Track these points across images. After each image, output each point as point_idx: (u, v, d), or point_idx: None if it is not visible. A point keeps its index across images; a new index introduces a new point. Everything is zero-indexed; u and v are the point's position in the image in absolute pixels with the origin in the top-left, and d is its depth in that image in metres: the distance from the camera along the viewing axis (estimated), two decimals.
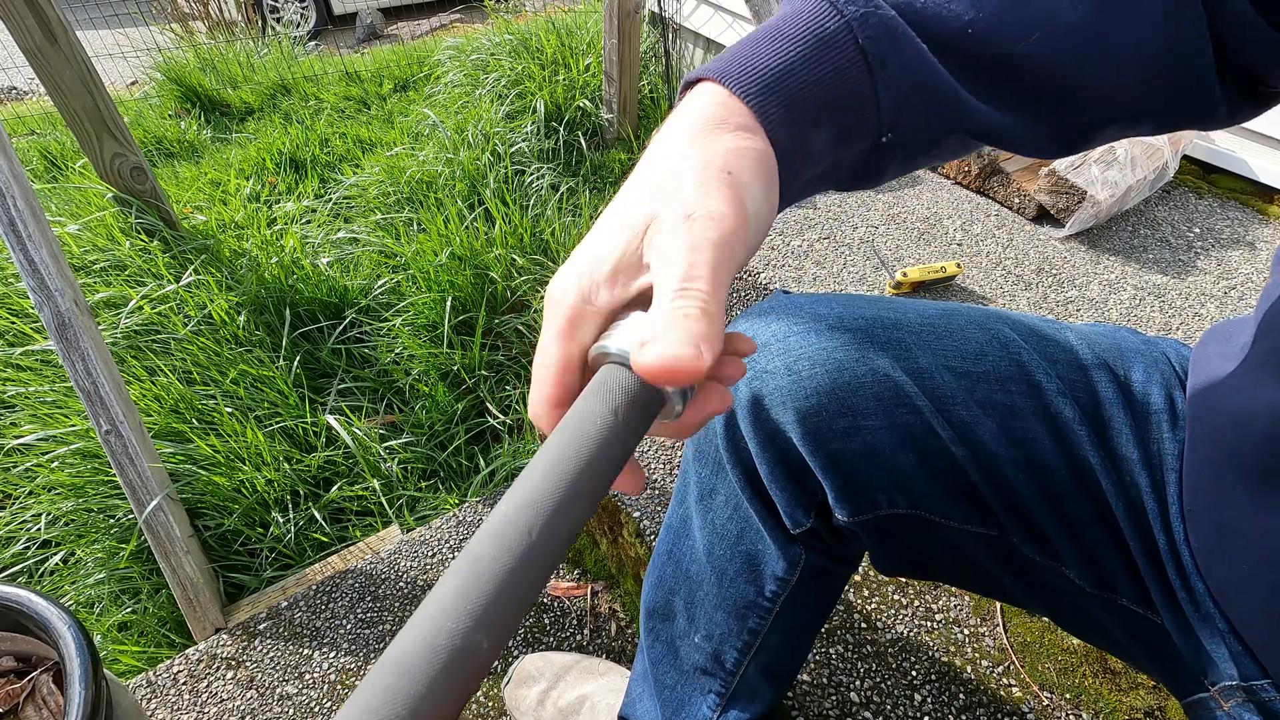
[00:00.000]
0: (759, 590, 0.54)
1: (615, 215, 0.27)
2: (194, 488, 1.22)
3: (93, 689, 0.59)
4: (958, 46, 0.29)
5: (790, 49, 0.28)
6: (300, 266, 1.75)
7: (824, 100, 0.28)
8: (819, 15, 0.28)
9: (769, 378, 0.45)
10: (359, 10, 5.17)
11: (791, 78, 0.27)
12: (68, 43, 1.49)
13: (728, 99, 0.27)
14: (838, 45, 0.28)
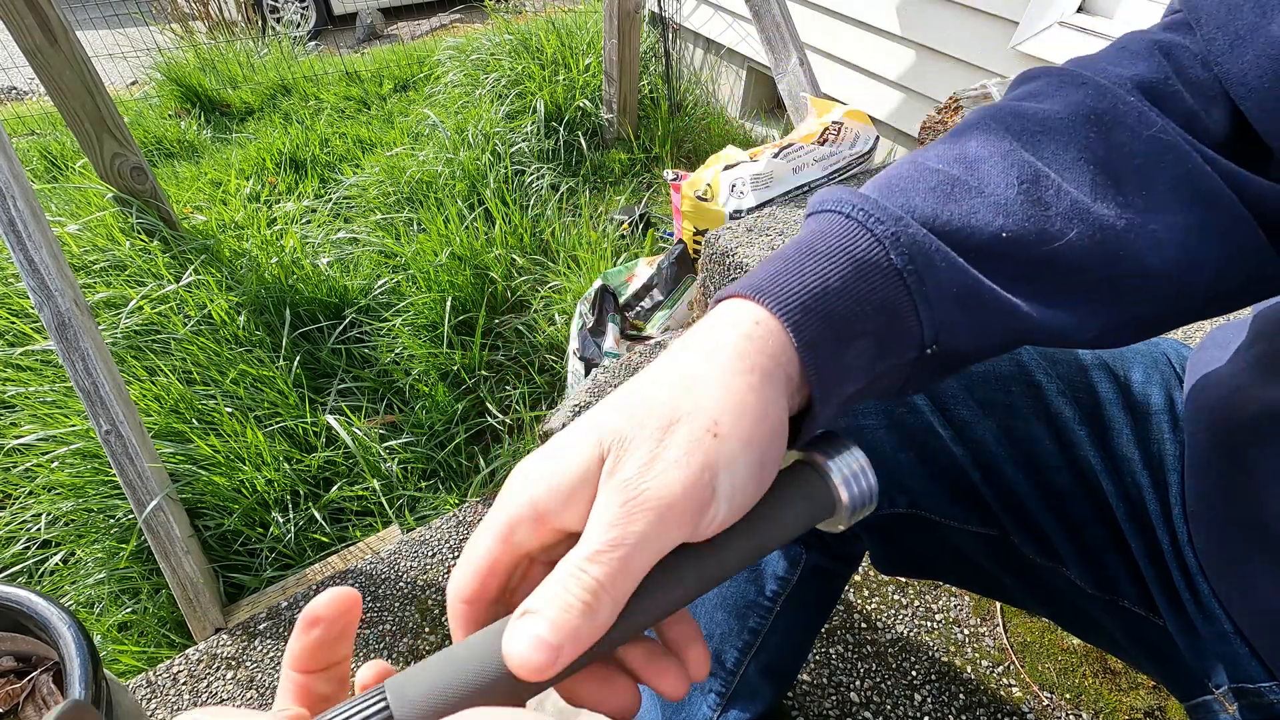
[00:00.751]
0: (759, 589, 0.54)
1: (600, 415, 0.25)
2: (194, 488, 1.22)
3: (93, 689, 0.59)
4: (996, 253, 0.28)
5: (827, 267, 0.26)
6: (300, 266, 1.75)
7: (862, 316, 0.26)
8: (850, 234, 0.27)
9: None
10: (359, 10, 5.17)
11: (829, 297, 0.26)
12: (68, 43, 1.49)
13: (764, 317, 0.26)
14: (873, 265, 0.26)
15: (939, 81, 1.93)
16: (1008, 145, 0.29)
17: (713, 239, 1.16)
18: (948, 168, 0.29)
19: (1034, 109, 0.30)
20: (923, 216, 0.27)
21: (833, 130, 1.33)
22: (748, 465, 0.24)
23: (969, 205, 0.28)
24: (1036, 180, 0.28)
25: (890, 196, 0.28)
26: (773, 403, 0.25)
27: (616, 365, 1.16)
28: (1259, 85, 0.28)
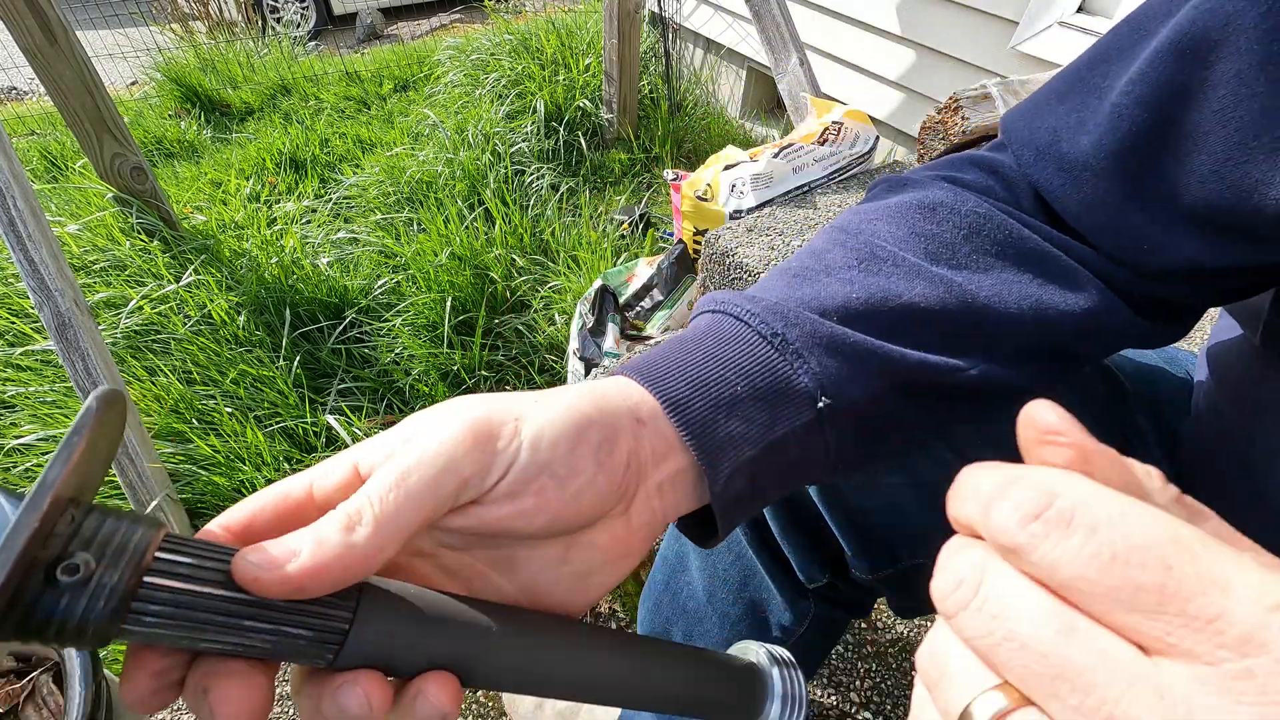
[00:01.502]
0: (765, 637, 0.52)
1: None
2: (194, 488, 1.22)
3: (93, 689, 0.59)
4: (852, 314, 0.30)
5: (693, 346, 0.28)
6: (300, 266, 1.75)
7: (734, 379, 0.27)
8: (717, 321, 0.29)
9: None
10: (359, 10, 5.17)
11: (695, 365, 0.27)
12: (68, 43, 1.49)
13: (636, 390, 0.27)
14: (738, 337, 0.28)
15: (939, 81, 1.93)
16: (847, 235, 0.33)
17: (713, 239, 1.16)
18: (799, 263, 0.32)
19: (868, 206, 0.34)
20: (780, 300, 0.30)
21: (833, 130, 1.33)
22: (559, 426, 0.24)
23: (818, 285, 0.31)
24: (874, 254, 0.32)
25: (750, 295, 0.30)
26: (602, 409, 0.25)
27: (616, 365, 1.16)
28: (1061, 194, 0.33)
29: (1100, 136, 0.31)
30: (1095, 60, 0.33)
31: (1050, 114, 0.34)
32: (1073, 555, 0.14)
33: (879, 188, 0.37)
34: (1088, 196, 0.32)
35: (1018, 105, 0.37)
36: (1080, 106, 0.33)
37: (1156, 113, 0.29)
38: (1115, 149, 0.31)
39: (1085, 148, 0.32)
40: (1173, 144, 0.29)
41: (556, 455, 0.23)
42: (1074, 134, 0.33)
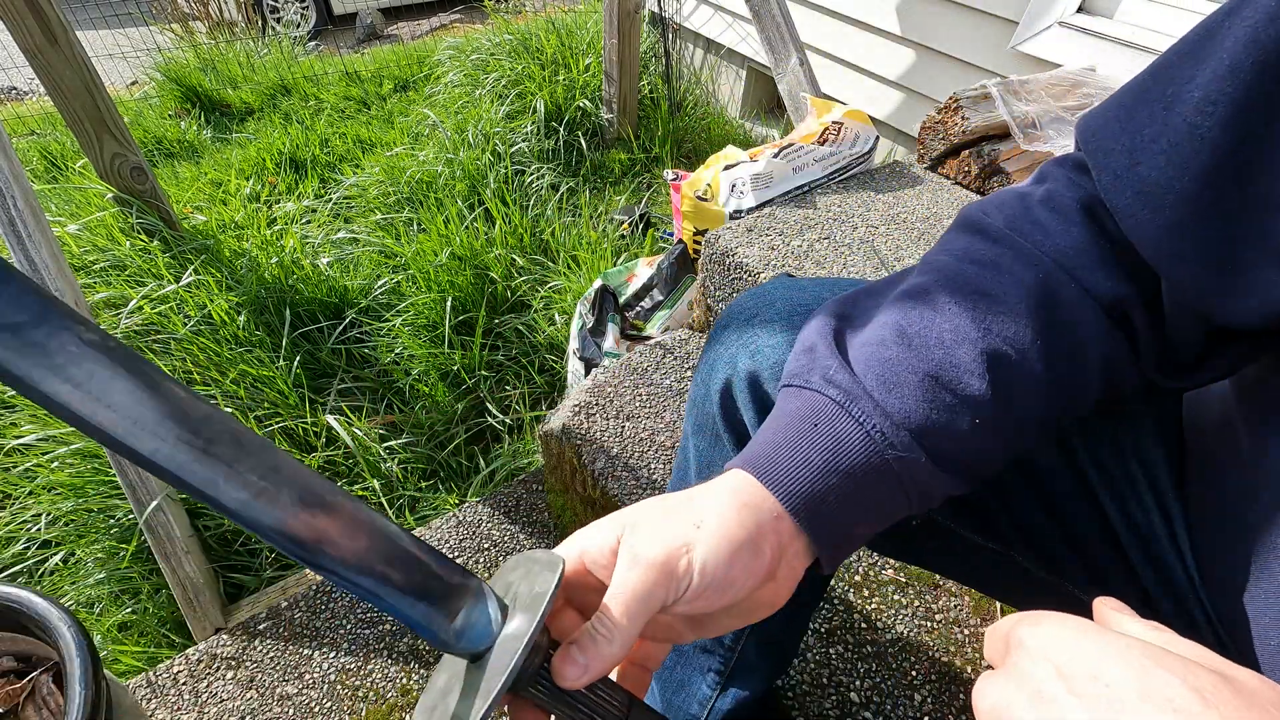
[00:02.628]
0: None
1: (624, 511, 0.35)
2: None
3: (93, 689, 0.59)
4: (971, 442, 0.36)
5: (819, 459, 0.34)
6: (300, 266, 1.75)
7: (859, 511, 0.35)
8: (848, 437, 0.34)
9: (770, 352, 0.47)
10: (359, 10, 5.17)
11: (812, 471, 0.34)
12: (68, 43, 1.49)
13: (758, 489, 0.34)
14: (872, 469, 0.34)
15: (939, 81, 1.93)
16: (977, 333, 0.35)
17: (713, 239, 1.16)
18: (928, 365, 0.35)
19: (993, 288, 0.36)
20: (908, 422, 0.35)
21: (833, 130, 1.33)
22: (719, 554, 0.31)
23: (949, 415, 0.35)
24: (999, 363, 0.35)
25: (884, 392, 0.35)
26: (749, 525, 0.33)
27: (616, 365, 1.16)
28: (1139, 220, 0.34)
29: (1184, 160, 0.31)
30: (1165, 67, 0.33)
31: (1124, 132, 0.34)
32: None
33: (998, 250, 0.38)
34: (1168, 219, 0.32)
35: (1092, 118, 0.37)
36: (1150, 121, 0.32)
37: (1242, 132, 0.28)
38: (1199, 171, 0.30)
39: (1164, 169, 0.32)
40: (1261, 168, 0.28)
41: (718, 576, 0.32)
42: (1151, 154, 0.32)
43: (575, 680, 0.29)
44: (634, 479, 0.99)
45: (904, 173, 1.37)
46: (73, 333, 0.22)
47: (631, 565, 0.31)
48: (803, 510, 0.33)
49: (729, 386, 0.49)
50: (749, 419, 0.49)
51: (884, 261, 1.12)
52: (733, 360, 0.49)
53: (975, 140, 1.34)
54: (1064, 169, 0.40)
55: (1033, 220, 0.38)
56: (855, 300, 0.41)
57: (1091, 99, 1.34)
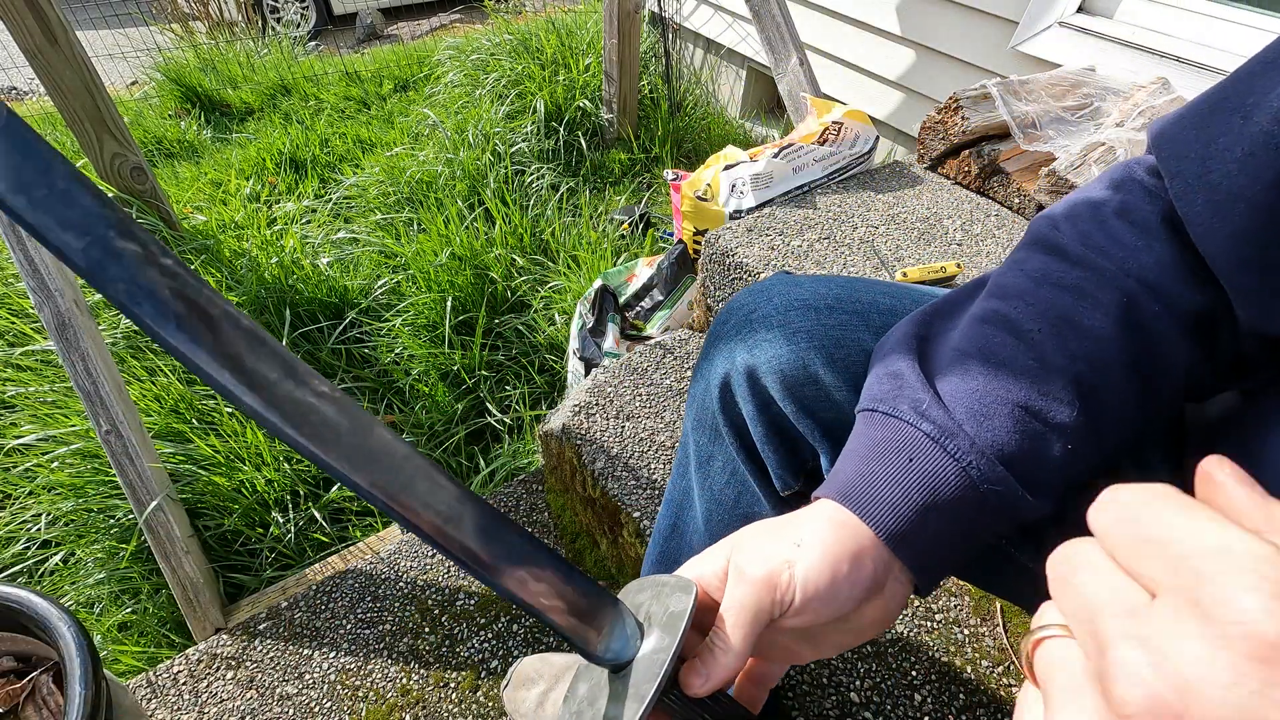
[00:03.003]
0: None
1: (735, 534, 0.38)
2: (194, 488, 1.22)
3: (93, 689, 0.59)
4: (1064, 473, 0.36)
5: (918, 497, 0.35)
6: (300, 266, 1.75)
7: (944, 520, 0.36)
8: (947, 477, 0.35)
9: (768, 347, 0.48)
10: (359, 10, 5.17)
11: (907, 503, 0.35)
12: (68, 43, 1.49)
13: (855, 520, 0.35)
14: (967, 501, 0.35)
15: (939, 81, 1.93)
16: (1065, 360, 0.36)
17: (713, 239, 1.16)
18: (1018, 395, 0.36)
19: (1077, 314, 0.37)
20: (1001, 454, 0.35)
21: (833, 130, 1.33)
22: (819, 567, 0.34)
23: (1041, 443, 0.35)
24: (1088, 389, 0.36)
25: (976, 425, 0.36)
26: (848, 542, 0.34)
27: (616, 365, 1.16)
28: (1208, 228, 0.34)
29: (1258, 169, 0.31)
30: (1246, 76, 0.33)
31: (1198, 140, 0.34)
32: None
33: (1085, 276, 0.38)
34: (1236, 228, 0.32)
35: (1166, 124, 0.37)
36: (1226, 129, 0.33)
37: None
38: (1272, 180, 0.30)
39: (1236, 177, 0.32)
40: None
41: (820, 590, 0.33)
42: (1224, 162, 0.32)
43: (699, 689, 0.32)
44: (634, 479, 0.99)
45: (904, 173, 1.37)
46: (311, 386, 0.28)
47: (738, 582, 0.34)
48: (900, 543, 0.35)
49: (728, 382, 0.50)
50: (748, 413, 0.50)
51: (884, 261, 1.12)
52: (731, 356, 0.50)
53: (975, 140, 1.34)
54: (1138, 175, 0.39)
55: (1110, 235, 0.38)
56: (931, 321, 0.41)
57: (1091, 99, 1.34)
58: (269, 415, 0.26)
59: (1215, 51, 1.49)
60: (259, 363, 0.26)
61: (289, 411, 0.26)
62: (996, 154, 1.29)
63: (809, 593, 0.33)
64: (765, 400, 0.48)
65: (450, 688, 0.96)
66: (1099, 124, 1.30)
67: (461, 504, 0.30)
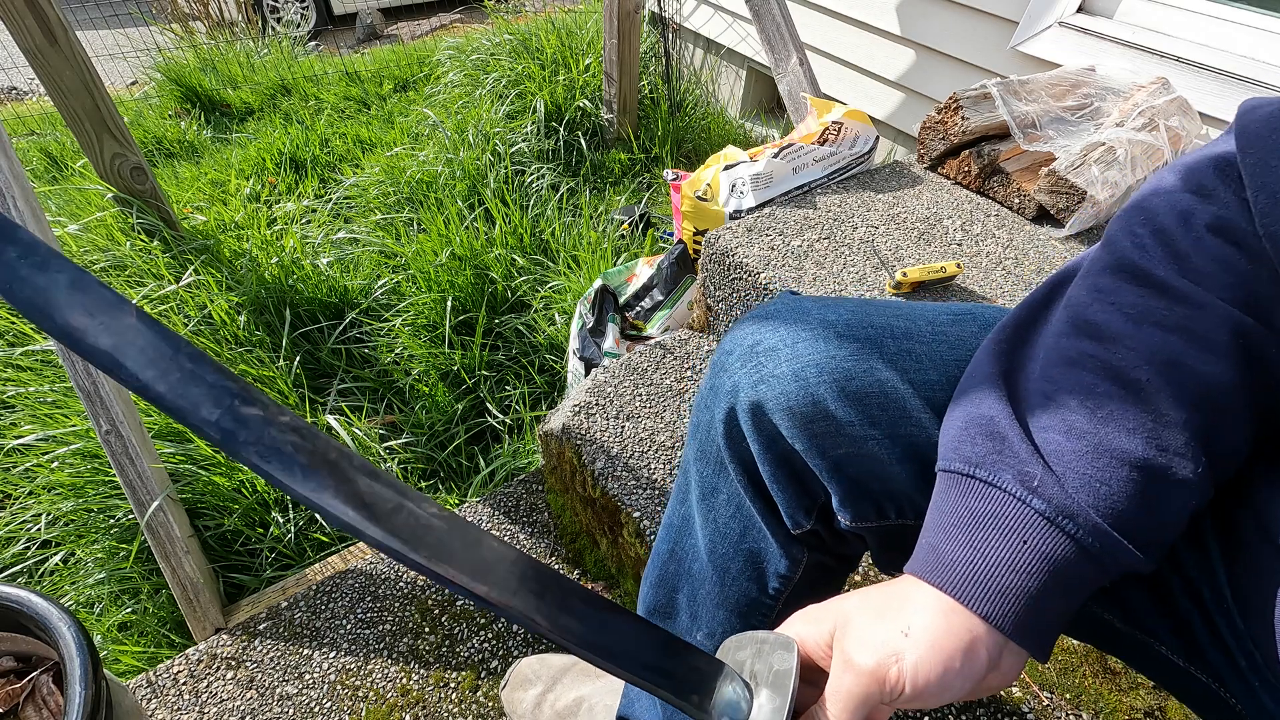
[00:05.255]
0: (762, 589, 0.54)
1: (843, 600, 0.37)
2: (194, 488, 1.22)
3: (93, 689, 0.59)
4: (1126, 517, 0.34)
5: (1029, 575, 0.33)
6: (300, 266, 1.75)
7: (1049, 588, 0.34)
8: (1060, 550, 0.33)
9: (775, 383, 0.45)
10: (359, 10, 5.17)
11: (1019, 586, 0.33)
12: (68, 43, 1.49)
13: (964, 612, 0.34)
14: (1077, 576, 0.33)
15: (939, 81, 1.93)
16: (1183, 413, 0.33)
17: (713, 239, 1.16)
18: (1135, 454, 0.33)
19: (1189, 358, 0.33)
20: (1118, 522, 0.33)
21: (833, 130, 1.33)
22: (930, 665, 0.32)
23: (1160, 506, 0.33)
24: (1211, 439, 0.33)
25: (1091, 494, 0.33)
26: (960, 634, 0.33)
27: (616, 365, 1.16)
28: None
29: None
30: None
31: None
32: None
33: (1201, 314, 0.34)
34: None
35: (1251, 120, 0.34)
36: None
37: None
38: None
39: None
40: None
41: (931, 684, 0.32)
42: None
43: None
44: (634, 479, 0.99)
45: (904, 173, 1.37)
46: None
47: (846, 669, 0.33)
48: (1016, 631, 0.33)
49: (733, 417, 0.48)
50: (756, 451, 0.47)
51: (884, 261, 1.11)
52: (735, 390, 0.47)
53: (975, 140, 1.34)
54: (1228, 183, 0.35)
55: (1211, 257, 0.34)
56: (1012, 352, 0.38)
57: (1091, 99, 1.34)
58: (390, 543, 0.28)
59: (1215, 51, 1.49)
60: (376, 496, 0.29)
61: (407, 536, 0.29)
62: (996, 154, 1.29)
63: (919, 686, 0.32)
64: (773, 437, 0.46)
65: (450, 688, 0.96)
66: (1099, 124, 1.30)
67: (568, 596, 0.33)
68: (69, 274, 0.26)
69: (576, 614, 0.32)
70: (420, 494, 0.31)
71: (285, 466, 0.27)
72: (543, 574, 0.32)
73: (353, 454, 0.29)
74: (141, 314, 0.26)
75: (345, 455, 0.29)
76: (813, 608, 0.37)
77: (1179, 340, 0.33)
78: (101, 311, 0.26)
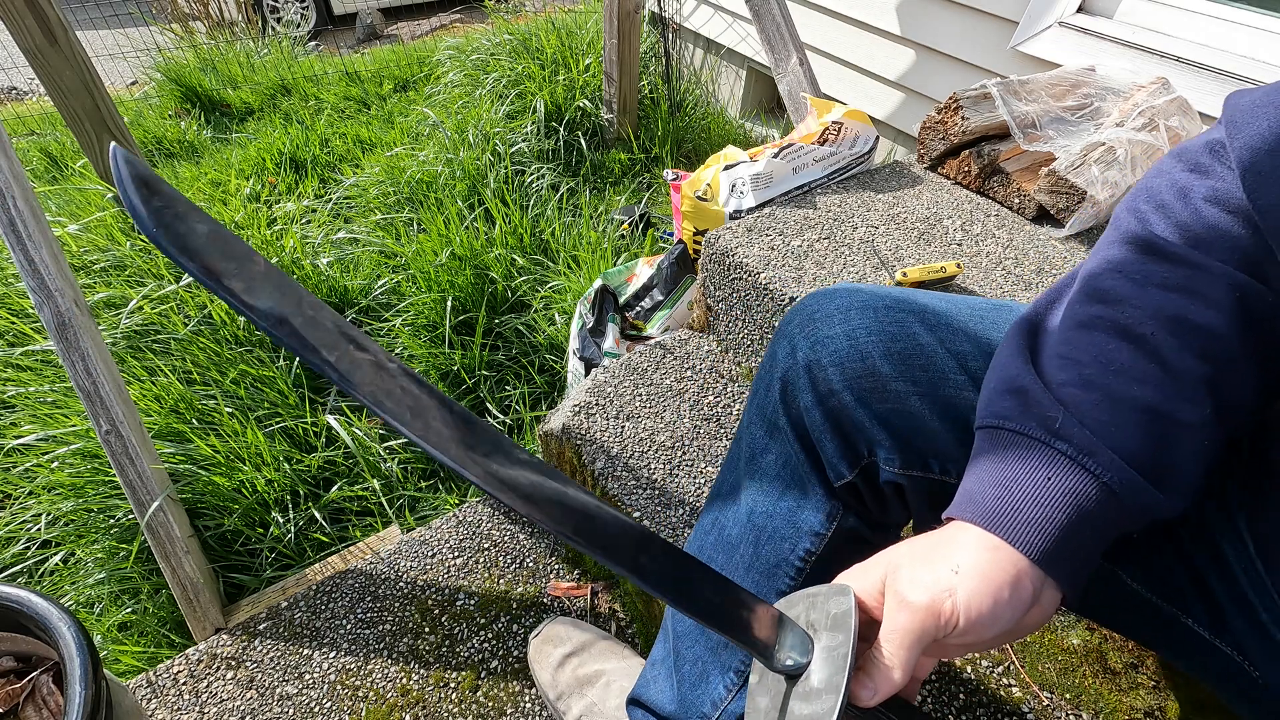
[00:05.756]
0: (793, 547, 0.55)
1: (890, 550, 0.39)
2: (194, 488, 1.22)
3: (93, 689, 0.59)
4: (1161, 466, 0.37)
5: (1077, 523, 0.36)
6: (300, 266, 1.74)
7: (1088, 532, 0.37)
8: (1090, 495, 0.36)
9: (830, 342, 0.50)
10: (359, 10, 5.17)
11: (1056, 525, 0.36)
12: (68, 43, 1.50)
13: (1005, 546, 0.36)
14: (1116, 513, 0.36)
15: (939, 81, 1.93)
16: (1188, 363, 0.36)
17: (713, 239, 1.16)
18: (1149, 399, 0.36)
19: (1194, 314, 0.36)
20: (1136, 460, 0.36)
21: (833, 130, 1.33)
22: (982, 595, 0.35)
23: (1174, 446, 0.36)
24: (1216, 387, 0.36)
25: (1109, 436, 0.36)
26: (1006, 567, 0.35)
27: (616, 365, 1.16)
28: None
29: None
30: None
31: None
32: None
33: (1197, 274, 0.37)
34: None
35: (1240, 108, 0.36)
36: None
37: None
38: None
39: None
40: None
41: (983, 615, 0.35)
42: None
43: (867, 701, 0.35)
44: (634, 479, 0.99)
45: (904, 173, 1.37)
46: (506, 453, 0.34)
47: (901, 608, 0.36)
48: (1051, 563, 0.36)
49: (791, 375, 0.52)
50: (807, 403, 0.51)
51: (884, 261, 1.11)
52: (793, 351, 0.52)
53: (975, 140, 1.34)
54: (1221, 161, 0.38)
55: (1208, 225, 0.37)
56: (1037, 330, 0.41)
57: (1091, 99, 1.34)
58: (487, 486, 0.32)
59: (1215, 51, 1.49)
60: (476, 441, 0.32)
61: (525, 493, 0.33)
62: (996, 154, 1.29)
63: (973, 618, 0.35)
64: (826, 391, 0.50)
65: (450, 688, 0.96)
66: (1099, 124, 1.30)
67: (644, 538, 0.36)
68: (207, 225, 0.29)
69: (653, 555, 0.35)
70: (513, 443, 0.34)
71: (396, 409, 0.30)
72: (623, 522, 0.36)
73: (453, 403, 0.32)
74: (269, 264, 0.30)
75: (444, 401, 0.32)
76: (860, 563, 0.40)
77: (1180, 298, 0.36)
78: (236, 258, 0.29)
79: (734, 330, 1.18)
